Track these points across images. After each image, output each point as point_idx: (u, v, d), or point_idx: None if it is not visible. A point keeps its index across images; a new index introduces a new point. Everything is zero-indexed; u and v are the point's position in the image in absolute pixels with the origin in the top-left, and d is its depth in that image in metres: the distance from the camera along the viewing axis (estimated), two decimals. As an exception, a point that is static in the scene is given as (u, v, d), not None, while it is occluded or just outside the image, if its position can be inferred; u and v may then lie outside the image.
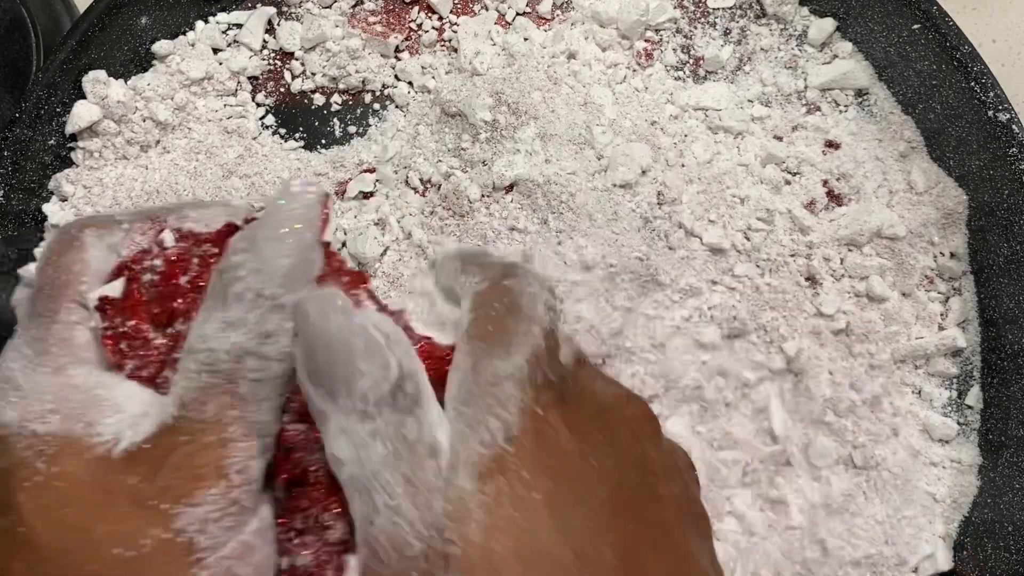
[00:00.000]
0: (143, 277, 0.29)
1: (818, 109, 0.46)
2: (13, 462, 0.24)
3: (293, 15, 0.48)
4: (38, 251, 0.43)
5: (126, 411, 0.26)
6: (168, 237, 0.29)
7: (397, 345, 0.25)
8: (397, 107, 0.47)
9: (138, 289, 0.28)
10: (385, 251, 0.43)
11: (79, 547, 0.23)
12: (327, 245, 0.28)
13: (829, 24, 0.47)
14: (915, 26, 0.44)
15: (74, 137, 0.44)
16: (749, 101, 0.46)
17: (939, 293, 0.44)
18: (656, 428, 0.28)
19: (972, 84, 0.42)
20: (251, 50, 0.47)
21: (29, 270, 0.42)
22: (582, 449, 0.25)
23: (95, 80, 0.44)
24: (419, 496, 0.23)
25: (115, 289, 0.28)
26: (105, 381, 0.26)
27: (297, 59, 0.47)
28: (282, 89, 0.47)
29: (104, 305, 0.28)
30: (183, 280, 0.28)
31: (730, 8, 0.47)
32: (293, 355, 0.25)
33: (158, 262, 0.29)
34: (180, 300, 0.28)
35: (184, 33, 0.47)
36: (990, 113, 0.42)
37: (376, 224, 0.43)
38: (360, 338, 0.24)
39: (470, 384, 0.25)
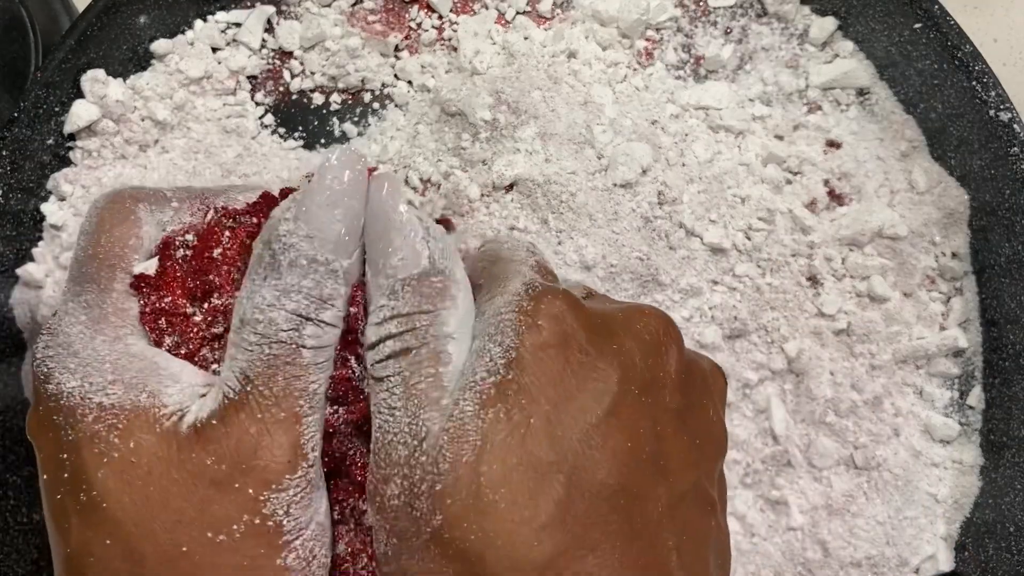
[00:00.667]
0: (176, 253, 0.29)
1: (819, 108, 0.46)
2: (84, 436, 0.24)
3: (292, 14, 0.48)
4: (37, 251, 0.43)
5: (183, 381, 0.26)
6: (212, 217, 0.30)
7: (436, 241, 0.26)
8: (397, 106, 0.47)
9: (173, 264, 0.28)
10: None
11: (172, 528, 0.23)
12: None
13: (830, 23, 0.46)
14: (916, 25, 0.44)
15: (72, 136, 0.44)
16: (750, 100, 0.46)
17: (940, 293, 0.44)
18: (673, 338, 0.28)
19: (974, 83, 0.42)
20: (250, 49, 0.47)
21: (27, 270, 0.42)
22: (585, 364, 0.25)
23: (94, 79, 0.44)
24: (411, 400, 0.24)
25: (150, 267, 0.28)
26: (159, 353, 0.27)
27: (296, 58, 0.47)
28: (281, 88, 0.47)
29: (139, 283, 0.28)
30: (216, 253, 0.28)
31: (731, 7, 0.47)
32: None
33: (190, 236, 0.29)
34: (214, 273, 0.28)
35: (183, 32, 0.47)
36: (992, 112, 0.42)
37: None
38: (401, 216, 0.25)
39: (478, 323, 0.26)
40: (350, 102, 0.47)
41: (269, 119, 0.47)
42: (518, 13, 0.47)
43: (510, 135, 0.42)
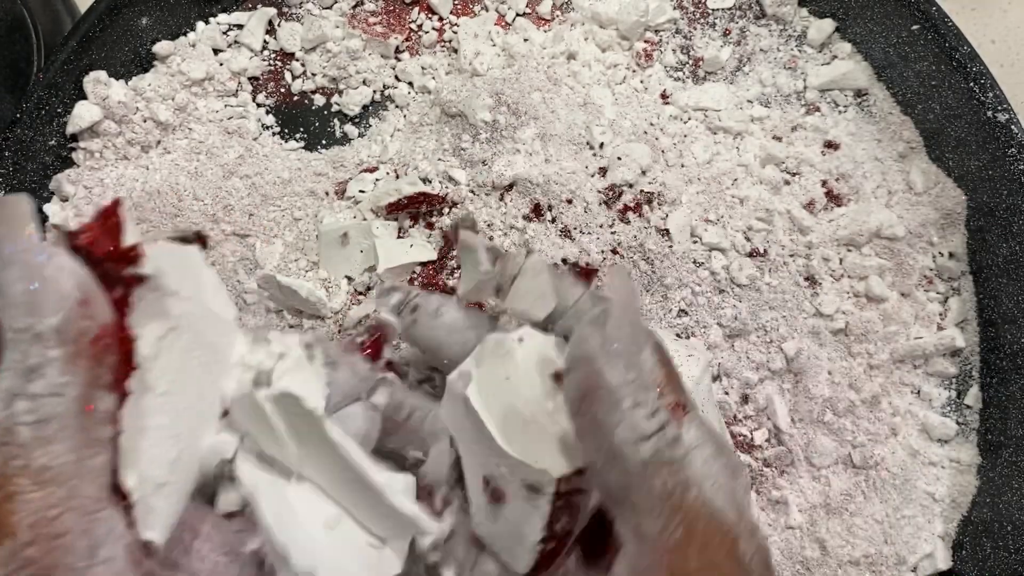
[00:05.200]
0: None
1: (817, 110, 0.46)
2: None
3: (293, 16, 0.48)
4: None
5: None
6: None
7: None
8: (397, 107, 0.47)
9: None
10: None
11: None
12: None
13: (828, 25, 0.47)
14: (914, 27, 0.44)
15: (75, 137, 0.44)
16: (748, 101, 0.46)
17: (938, 293, 0.44)
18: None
19: (971, 84, 0.42)
20: (252, 51, 0.47)
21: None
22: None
23: (96, 81, 0.44)
24: None
25: None
26: None
27: (297, 60, 0.47)
28: (283, 90, 0.47)
29: None
30: None
31: (730, 9, 0.48)
32: None
33: None
34: None
35: (185, 34, 0.47)
36: (989, 113, 0.42)
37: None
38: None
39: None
40: (351, 103, 0.47)
41: (270, 120, 0.47)
42: (518, 15, 0.47)
43: (510, 136, 0.43)
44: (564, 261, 0.42)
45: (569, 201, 0.42)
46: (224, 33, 0.47)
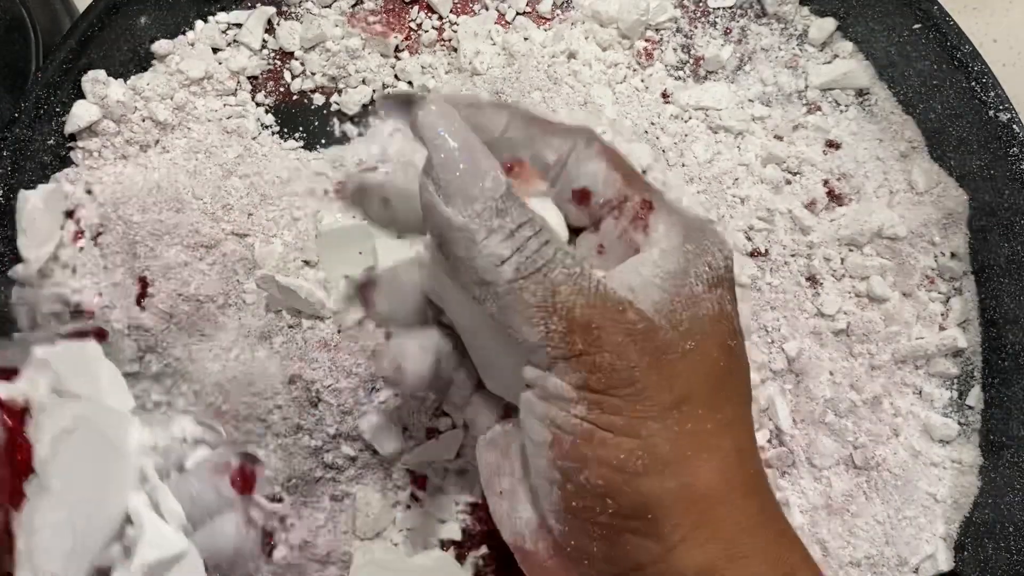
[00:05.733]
0: None
1: (819, 109, 0.46)
2: None
3: (293, 15, 0.48)
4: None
5: None
6: None
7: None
8: (397, 107, 0.47)
9: None
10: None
11: None
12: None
13: (830, 24, 0.46)
14: (916, 26, 0.44)
15: (73, 137, 0.44)
16: (750, 101, 0.46)
17: (940, 293, 0.44)
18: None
19: (973, 84, 0.42)
20: (251, 50, 0.47)
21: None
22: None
23: (94, 80, 0.44)
24: None
25: None
26: None
27: (297, 59, 0.47)
28: (282, 89, 0.47)
29: None
30: None
31: (730, 7, 0.47)
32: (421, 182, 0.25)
33: None
34: None
35: (183, 33, 0.47)
36: (991, 113, 0.42)
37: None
38: (478, 143, 0.24)
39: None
40: (350, 103, 0.47)
41: (270, 119, 0.47)
42: (518, 14, 0.47)
43: (510, 135, 0.42)
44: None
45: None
46: (223, 32, 0.47)
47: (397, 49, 0.47)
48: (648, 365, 0.24)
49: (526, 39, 0.46)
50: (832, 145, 0.45)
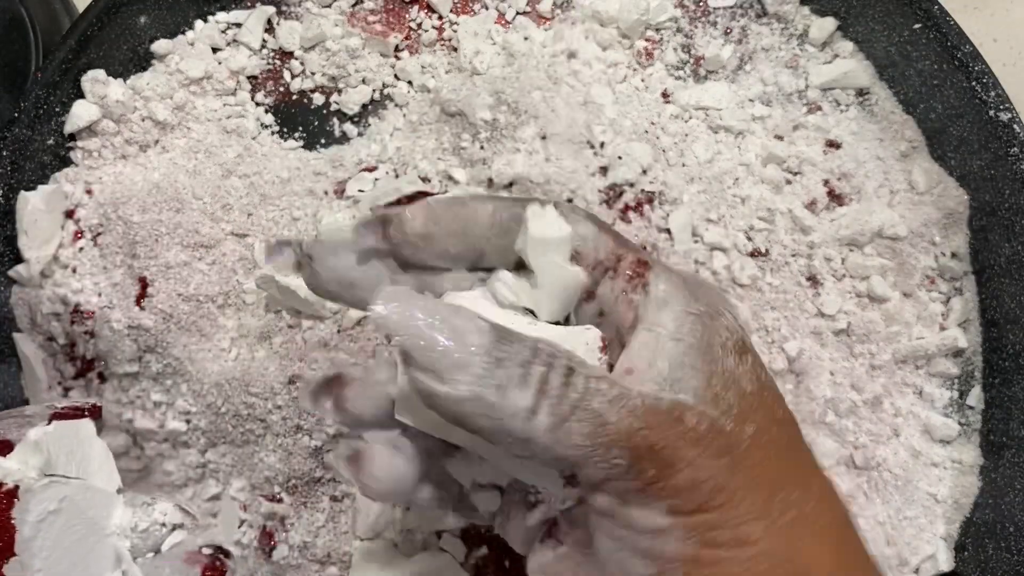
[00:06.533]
0: None
1: (819, 108, 0.46)
2: None
3: (292, 14, 0.48)
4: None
5: None
6: None
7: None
8: (397, 106, 0.47)
9: None
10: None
11: None
12: None
13: (830, 23, 0.46)
14: (916, 25, 0.44)
15: (73, 137, 0.44)
16: (750, 100, 0.46)
17: (940, 293, 0.44)
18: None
19: (973, 83, 0.42)
20: (250, 49, 0.47)
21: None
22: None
23: (94, 80, 0.44)
24: None
25: None
26: None
27: (297, 58, 0.47)
28: (281, 88, 0.47)
29: None
30: None
31: (731, 7, 0.47)
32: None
33: None
34: None
35: (183, 32, 0.47)
36: (991, 113, 0.42)
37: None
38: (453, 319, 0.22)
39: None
40: (350, 102, 0.47)
41: (269, 119, 0.47)
42: (518, 13, 0.47)
43: (510, 135, 0.42)
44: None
45: (570, 200, 0.42)
46: (223, 32, 0.47)
47: (397, 49, 0.47)
48: (727, 467, 0.23)
49: (526, 39, 0.46)
50: (832, 145, 0.45)
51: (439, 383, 0.22)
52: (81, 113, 0.43)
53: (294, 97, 0.47)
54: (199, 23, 0.47)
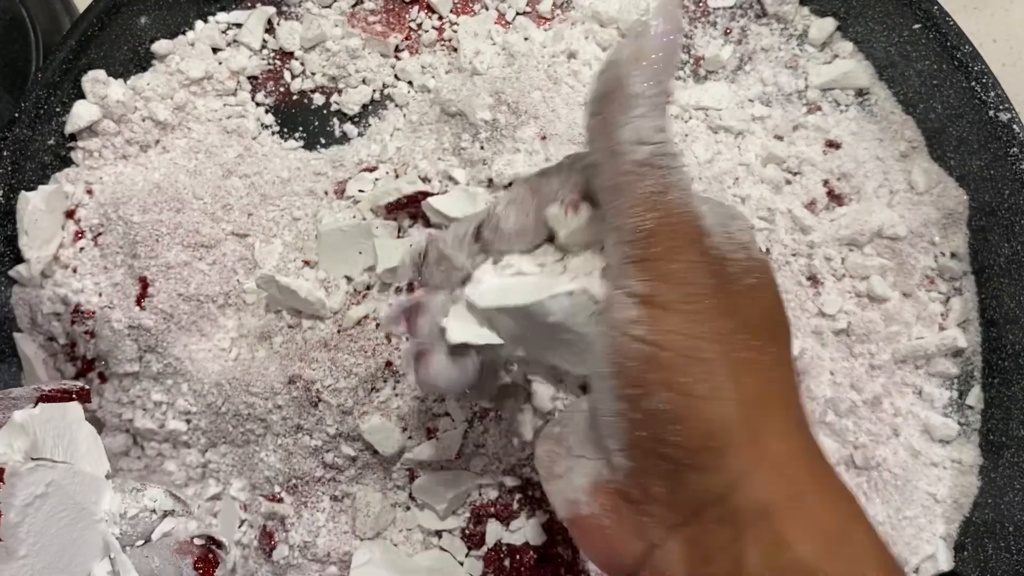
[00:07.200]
0: None
1: (819, 109, 0.46)
2: None
3: (293, 15, 0.48)
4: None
5: None
6: None
7: None
8: (397, 106, 0.47)
9: None
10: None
11: None
12: None
13: (830, 24, 0.46)
14: (916, 26, 0.44)
15: (74, 137, 0.44)
16: (750, 100, 0.46)
17: (940, 293, 0.44)
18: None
19: (973, 84, 0.42)
20: (251, 50, 0.47)
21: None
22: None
23: (95, 80, 0.44)
24: None
25: None
26: None
27: (297, 59, 0.47)
28: (282, 89, 0.47)
29: None
30: None
31: (730, 8, 0.47)
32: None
33: None
34: None
35: (184, 33, 0.47)
36: (991, 113, 0.42)
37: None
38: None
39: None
40: (350, 102, 0.47)
41: (269, 119, 0.47)
42: (518, 14, 0.47)
43: (510, 135, 0.42)
44: None
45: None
46: (223, 32, 0.47)
47: (397, 49, 0.47)
48: (714, 289, 0.25)
49: (526, 39, 0.46)
50: (832, 145, 0.45)
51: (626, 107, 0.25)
52: (82, 113, 0.43)
53: (294, 97, 0.47)
54: (199, 23, 0.47)
